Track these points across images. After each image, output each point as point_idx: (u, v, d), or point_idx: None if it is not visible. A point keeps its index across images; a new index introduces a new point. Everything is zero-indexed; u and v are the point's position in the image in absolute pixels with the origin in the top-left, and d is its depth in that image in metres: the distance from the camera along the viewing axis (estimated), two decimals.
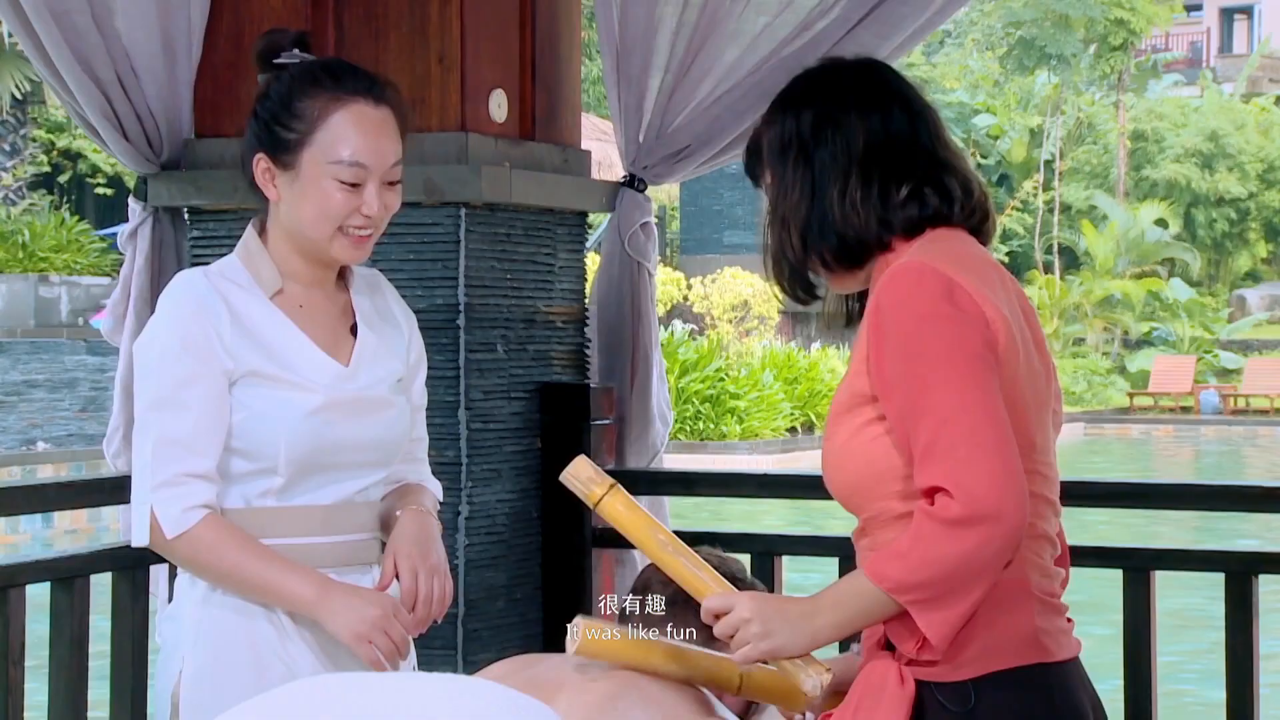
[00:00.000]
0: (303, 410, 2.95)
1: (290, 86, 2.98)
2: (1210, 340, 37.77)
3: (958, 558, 2.43)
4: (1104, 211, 41.25)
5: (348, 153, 2.94)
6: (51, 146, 33.05)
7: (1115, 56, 42.30)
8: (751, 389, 25.26)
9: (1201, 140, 42.78)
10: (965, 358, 2.47)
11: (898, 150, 2.64)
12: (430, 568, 3.03)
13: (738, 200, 32.42)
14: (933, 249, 2.58)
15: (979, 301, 2.50)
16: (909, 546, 2.46)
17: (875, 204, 2.63)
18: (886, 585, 2.48)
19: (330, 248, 2.99)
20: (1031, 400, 2.56)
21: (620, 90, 4.59)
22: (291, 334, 3.00)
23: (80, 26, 4.19)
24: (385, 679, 2.57)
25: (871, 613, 2.52)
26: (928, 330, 2.48)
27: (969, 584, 2.45)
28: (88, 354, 20.91)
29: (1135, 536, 13.72)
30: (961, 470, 2.43)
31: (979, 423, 2.44)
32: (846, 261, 2.66)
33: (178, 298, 2.98)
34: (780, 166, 2.69)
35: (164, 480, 2.90)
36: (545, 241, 4.41)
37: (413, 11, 4.19)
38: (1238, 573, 3.89)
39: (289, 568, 2.92)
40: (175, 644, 3.03)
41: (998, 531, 2.42)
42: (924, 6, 4.35)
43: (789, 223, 2.67)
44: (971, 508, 2.41)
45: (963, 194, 2.66)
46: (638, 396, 4.61)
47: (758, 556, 4.22)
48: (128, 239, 4.46)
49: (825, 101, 2.68)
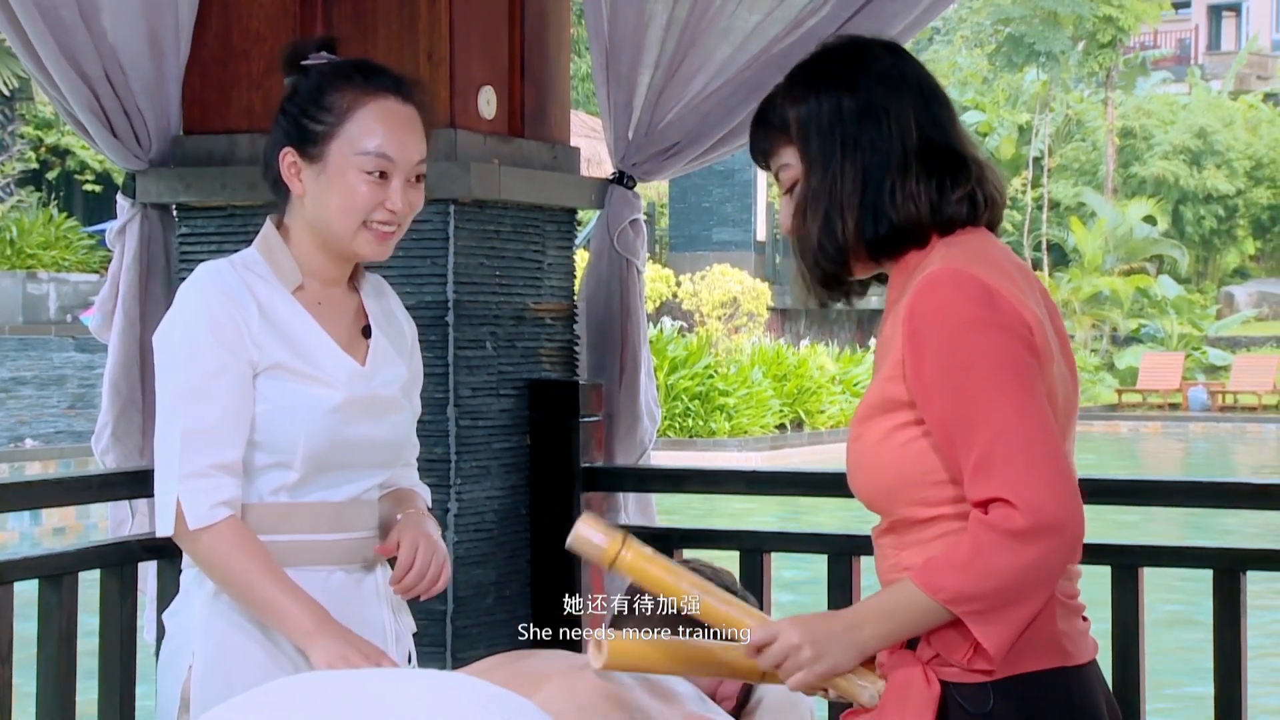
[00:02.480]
0: (325, 406, 2.97)
1: (320, 82, 3.01)
2: (1198, 337, 37.83)
3: (1021, 569, 2.41)
4: (1092, 208, 41.32)
5: (374, 144, 2.97)
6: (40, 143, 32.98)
7: (1104, 54, 42.38)
8: (740, 386, 25.27)
9: (1190, 137, 42.87)
10: (1012, 366, 2.44)
11: (943, 143, 2.61)
12: (431, 545, 3.07)
13: (727, 197, 32.46)
14: (964, 252, 2.55)
15: (1018, 307, 2.48)
16: (968, 557, 2.43)
17: (933, 195, 2.58)
18: (943, 596, 2.44)
19: (354, 242, 3.01)
20: (1062, 402, 2.54)
21: (609, 87, 4.59)
22: (314, 330, 3.02)
23: (67, 22, 4.18)
24: (372, 675, 2.58)
25: (922, 623, 2.49)
26: (972, 340, 2.45)
27: (1029, 595, 2.44)
28: (76, 351, 20.87)
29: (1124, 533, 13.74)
30: (1022, 481, 2.40)
31: (1033, 433, 2.42)
32: (889, 251, 2.60)
33: (205, 287, 2.98)
34: (824, 150, 2.60)
35: (192, 471, 2.90)
36: (534, 238, 4.41)
37: (402, 8, 4.18)
38: (1226, 569, 3.89)
39: (296, 594, 2.91)
40: (184, 639, 3.03)
41: (1061, 542, 2.41)
42: (914, 4, 4.35)
43: (841, 208, 2.58)
44: (1036, 519, 2.39)
45: (997, 195, 2.64)
46: (626, 393, 4.61)
47: (747, 554, 4.22)
48: (116, 236, 4.45)
49: (865, 83, 2.61)
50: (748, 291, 28.64)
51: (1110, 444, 30.61)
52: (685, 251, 32.26)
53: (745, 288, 28.66)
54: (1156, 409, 34.48)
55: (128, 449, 4.36)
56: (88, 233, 25.31)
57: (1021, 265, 2.61)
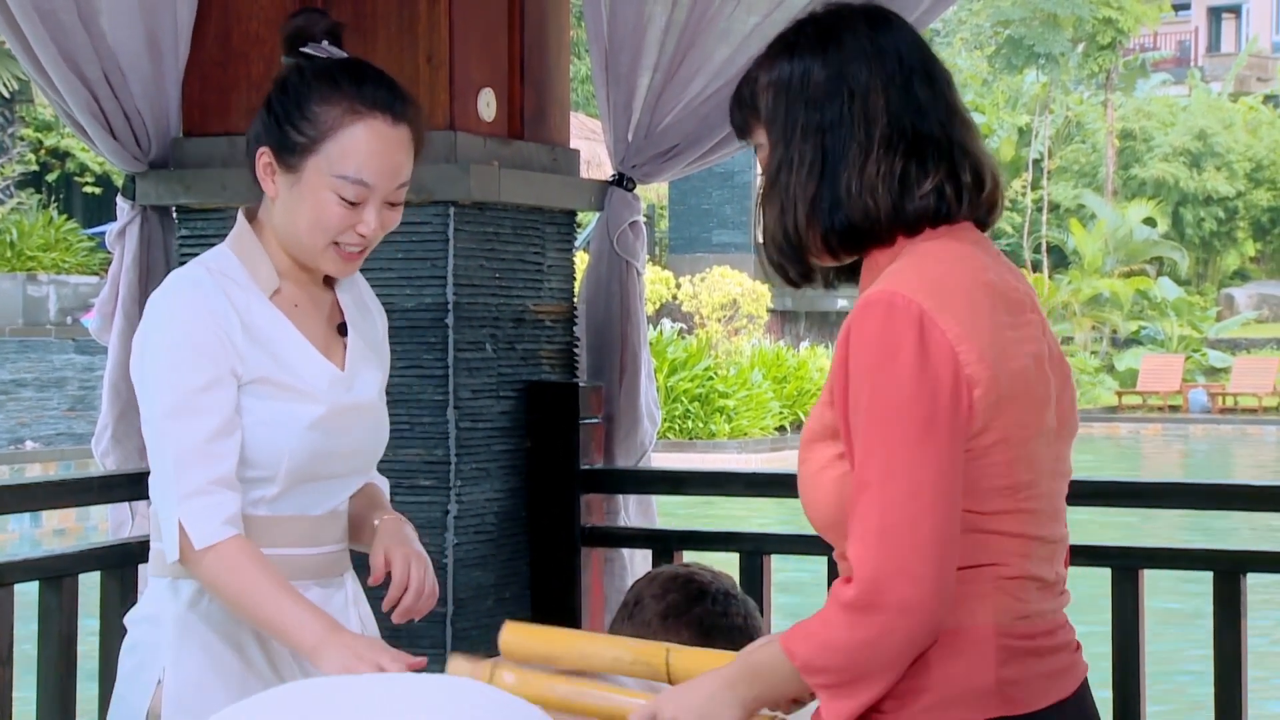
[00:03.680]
0: (306, 421, 2.88)
1: (309, 86, 2.87)
2: (1198, 339, 37.84)
3: (858, 645, 2.23)
4: (1092, 210, 41.32)
5: (353, 170, 2.84)
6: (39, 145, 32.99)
7: (1103, 55, 42.41)
8: (740, 388, 25.28)
9: (1190, 139, 42.88)
10: (912, 417, 2.22)
11: (919, 126, 2.36)
12: (421, 560, 2.98)
13: (726, 199, 32.44)
14: (920, 265, 2.32)
15: (954, 343, 2.24)
16: (817, 627, 2.28)
17: (894, 188, 2.34)
18: (797, 662, 2.28)
19: (319, 259, 2.91)
20: (1034, 432, 2.32)
21: (609, 89, 4.59)
22: (293, 338, 2.92)
23: (66, 24, 4.18)
24: (372, 680, 2.57)
25: (795, 684, 2.32)
26: (882, 379, 2.23)
27: (875, 673, 2.24)
28: (76, 353, 20.88)
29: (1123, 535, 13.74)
30: (871, 554, 2.21)
31: (899, 497, 2.21)
32: (850, 247, 2.38)
33: (184, 299, 2.87)
34: (783, 129, 2.39)
35: (190, 490, 2.78)
36: (534, 240, 4.41)
37: (401, 10, 4.18)
38: (1226, 571, 3.89)
39: (301, 605, 2.78)
40: (152, 653, 2.93)
41: (901, 623, 2.21)
42: (913, 6, 4.34)
43: (794, 197, 2.37)
44: (870, 595, 2.21)
45: (974, 185, 2.39)
46: (626, 395, 4.61)
47: (746, 556, 4.22)
48: (116, 238, 4.45)
49: (837, 56, 2.38)
50: (747, 293, 28.64)
51: (1110, 446, 30.60)
52: (685, 253, 32.24)
53: (745, 290, 28.65)
54: (1156, 411, 34.47)
55: (128, 451, 4.35)
56: (88, 235, 25.34)
57: (1001, 281, 2.38)
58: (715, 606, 3.00)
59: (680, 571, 3.11)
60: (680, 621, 2.96)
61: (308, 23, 2.96)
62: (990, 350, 2.27)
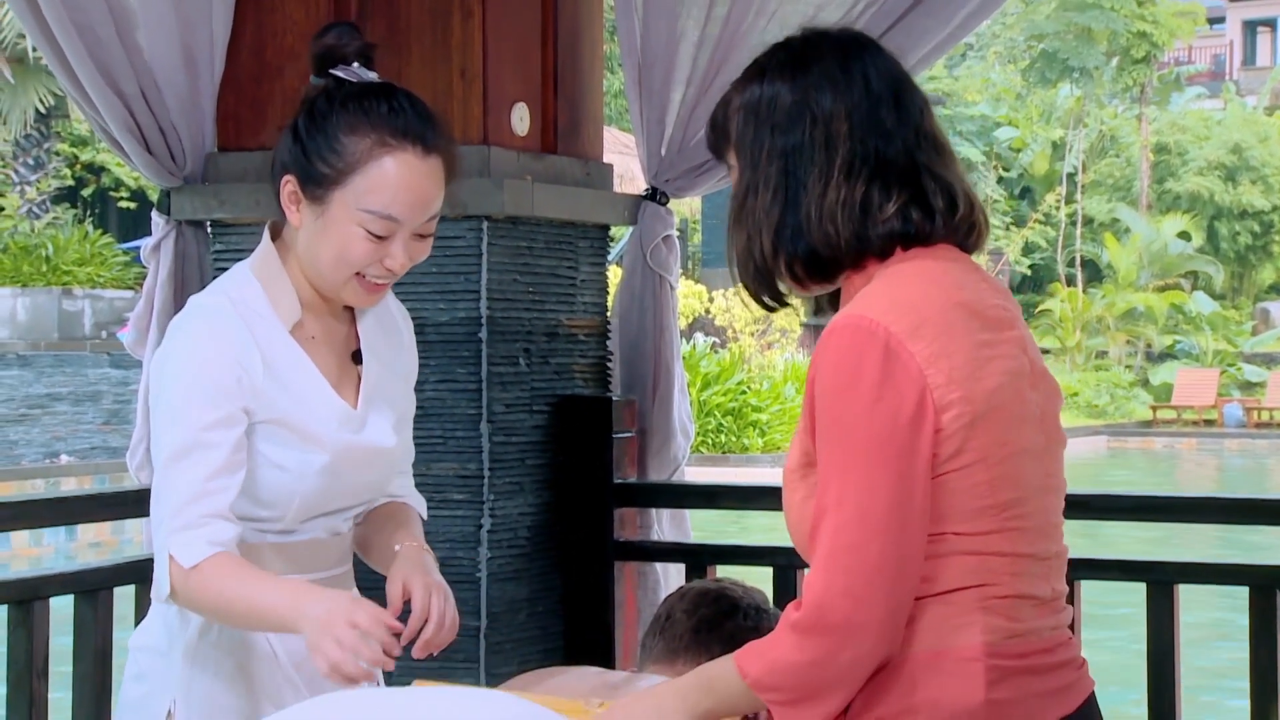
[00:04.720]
0: (315, 468, 2.81)
1: (337, 114, 2.76)
2: (1233, 353, 37.67)
3: (805, 665, 2.25)
4: (1126, 224, 41.19)
5: (381, 205, 2.73)
6: (75, 160, 33.17)
7: (1138, 69, 42.31)
8: (773, 402, 25.24)
9: (1225, 153, 42.70)
10: (875, 442, 2.22)
11: (883, 153, 2.35)
12: (441, 590, 2.82)
13: None
14: (891, 290, 2.31)
15: (922, 364, 2.24)
16: (768, 646, 2.30)
17: (855, 215, 2.34)
18: (749, 680, 2.30)
19: (342, 290, 2.81)
20: (1016, 449, 2.31)
21: (642, 103, 4.59)
22: (310, 376, 2.83)
23: (103, 39, 4.19)
24: (403, 693, 2.57)
25: (747, 700, 2.34)
26: (845, 404, 2.24)
27: (825, 692, 2.26)
28: (111, 367, 20.98)
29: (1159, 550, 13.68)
30: (819, 577, 2.23)
31: (858, 529, 2.21)
32: (816, 275, 2.39)
33: (206, 332, 2.78)
34: (751, 153, 2.41)
35: (183, 525, 2.70)
36: (567, 254, 4.41)
37: (435, 25, 4.19)
38: (1262, 586, 3.87)
39: (271, 587, 2.69)
40: (162, 682, 2.90)
41: (846, 645, 2.22)
42: (947, 20, 4.34)
43: (760, 224, 2.39)
44: (813, 618, 2.23)
45: (947, 209, 2.37)
46: (659, 409, 4.61)
47: (780, 570, 4.21)
48: (151, 252, 4.46)
49: (804, 82, 2.38)
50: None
51: (1145, 460, 30.49)
52: (718, 267, 32.21)
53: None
54: (1191, 425, 34.33)
55: None
56: (123, 249, 25.44)
57: (978, 299, 2.35)
58: (747, 621, 2.99)
59: (711, 587, 3.10)
60: (712, 636, 2.95)
61: (339, 42, 2.85)
62: (963, 371, 2.26)
